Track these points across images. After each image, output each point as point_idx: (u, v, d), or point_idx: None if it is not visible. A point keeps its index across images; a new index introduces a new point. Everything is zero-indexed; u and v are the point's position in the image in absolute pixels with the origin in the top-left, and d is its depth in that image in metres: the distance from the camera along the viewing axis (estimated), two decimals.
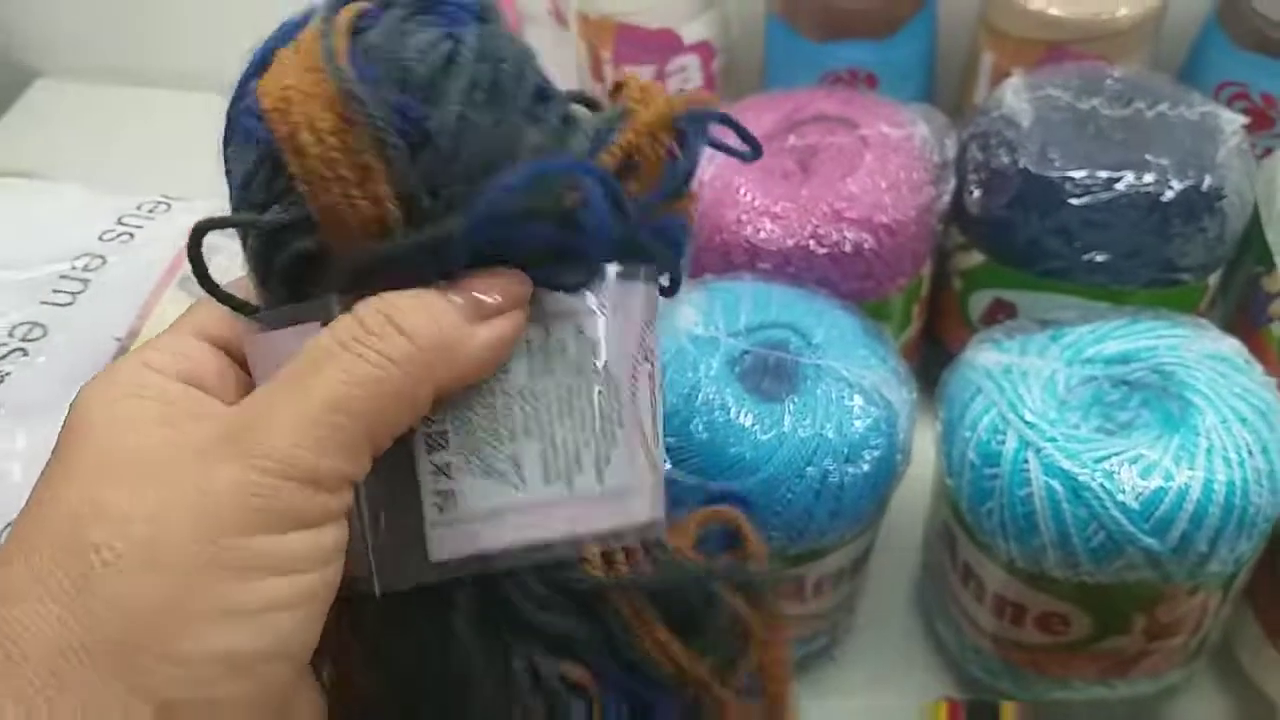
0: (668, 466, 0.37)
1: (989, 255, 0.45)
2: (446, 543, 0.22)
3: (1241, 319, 0.48)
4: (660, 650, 0.23)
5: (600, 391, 0.24)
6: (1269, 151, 0.49)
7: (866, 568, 0.43)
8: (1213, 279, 0.45)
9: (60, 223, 0.44)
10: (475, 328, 0.22)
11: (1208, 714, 0.45)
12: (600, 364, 0.24)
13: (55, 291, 0.41)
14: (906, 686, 0.45)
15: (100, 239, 0.43)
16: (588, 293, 0.24)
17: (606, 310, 0.24)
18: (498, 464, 0.22)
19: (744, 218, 0.43)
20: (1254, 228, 0.46)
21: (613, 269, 0.24)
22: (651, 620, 0.23)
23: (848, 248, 0.42)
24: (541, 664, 0.23)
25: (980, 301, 0.47)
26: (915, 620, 0.48)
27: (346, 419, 0.20)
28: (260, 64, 0.23)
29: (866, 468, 0.37)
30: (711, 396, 0.37)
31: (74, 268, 0.41)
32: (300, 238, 0.22)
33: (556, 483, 0.23)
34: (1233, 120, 0.43)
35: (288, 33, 0.24)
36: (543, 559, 0.23)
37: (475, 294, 0.22)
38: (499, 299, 0.22)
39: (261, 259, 0.23)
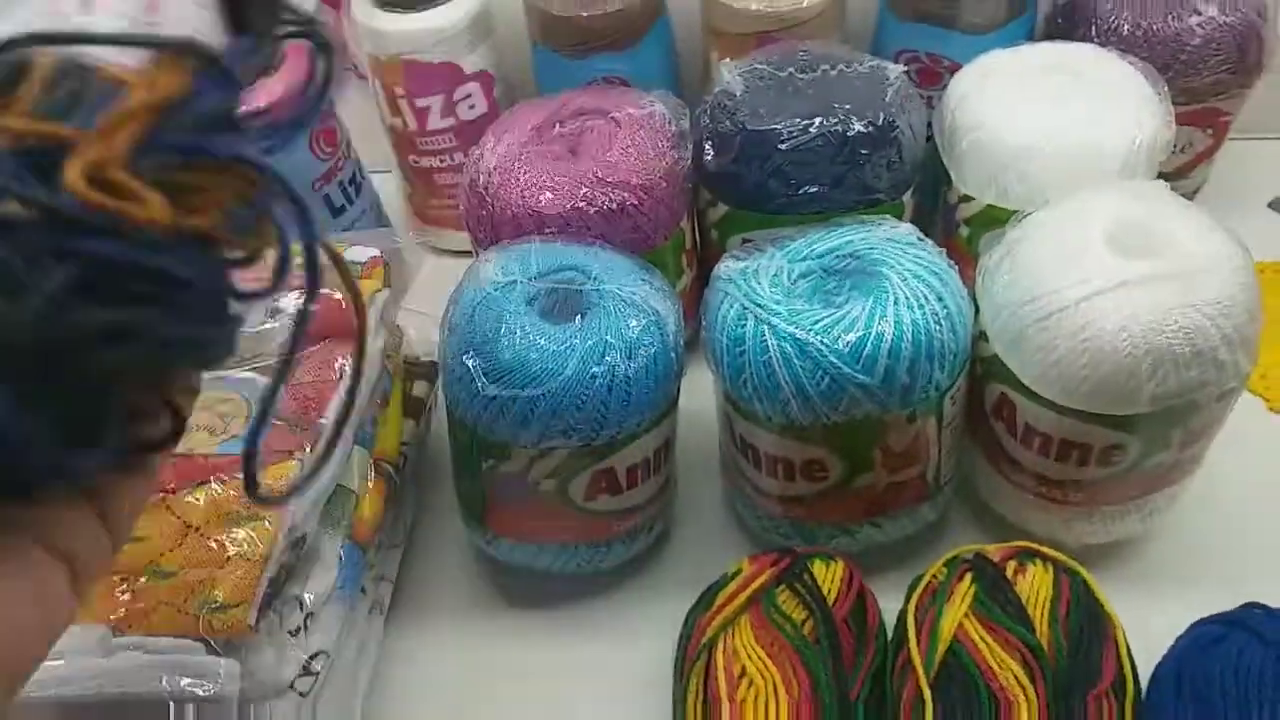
0: (485, 383, 0.45)
1: (730, 204, 0.56)
2: None
3: (943, 228, 0.60)
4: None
5: None
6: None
7: (672, 462, 0.52)
8: (906, 197, 0.56)
9: None
10: None
11: (971, 540, 0.55)
12: None
13: None
14: (723, 566, 0.54)
15: None
16: None
17: None
18: None
19: (526, 193, 0.52)
20: (935, 158, 0.58)
21: None
22: None
23: (614, 206, 0.52)
24: None
25: (733, 245, 0.57)
26: (723, 513, 0.57)
27: None
28: None
29: (644, 361, 0.46)
30: (514, 326, 0.45)
31: None
32: None
33: None
34: (895, 69, 0.54)
35: None
36: None
37: None
38: None
39: None
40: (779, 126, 0.52)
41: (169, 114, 0.21)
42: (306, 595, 0.43)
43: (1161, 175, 0.64)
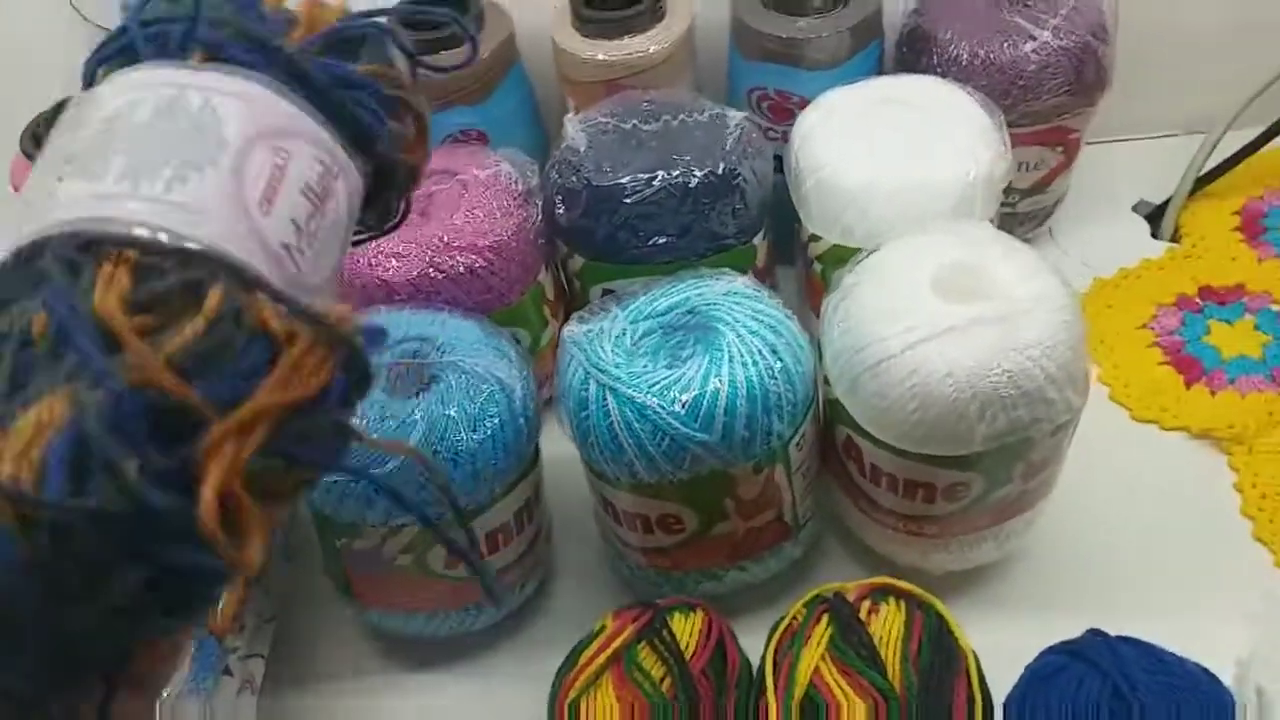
0: None
1: (585, 256, 0.56)
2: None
3: (802, 264, 0.61)
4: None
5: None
6: None
7: (539, 519, 0.53)
8: (757, 240, 0.57)
9: None
10: None
11: (845, 573, 0.56)
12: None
13: None
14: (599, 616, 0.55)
15: None
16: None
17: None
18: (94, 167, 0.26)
19: (373, 260, 0.52)
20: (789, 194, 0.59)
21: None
22: None
23: (462, 269, 0.52)
24: None
25: (596, 294, 0.58)
26: (602, 562, 0.58)
27: None
28: None
29: (490, 432, 0.46)
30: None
31: None
32: None
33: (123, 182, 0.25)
34: (736, 116, 0.55)
35: None
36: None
37: None
38: None
39: None
40: (623, 181, 0.53)
41: (297, 415, 0.24)
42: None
43: (1020, 193, 0.66)
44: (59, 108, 0.32)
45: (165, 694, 0.43)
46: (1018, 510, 0.51)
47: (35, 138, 0.57)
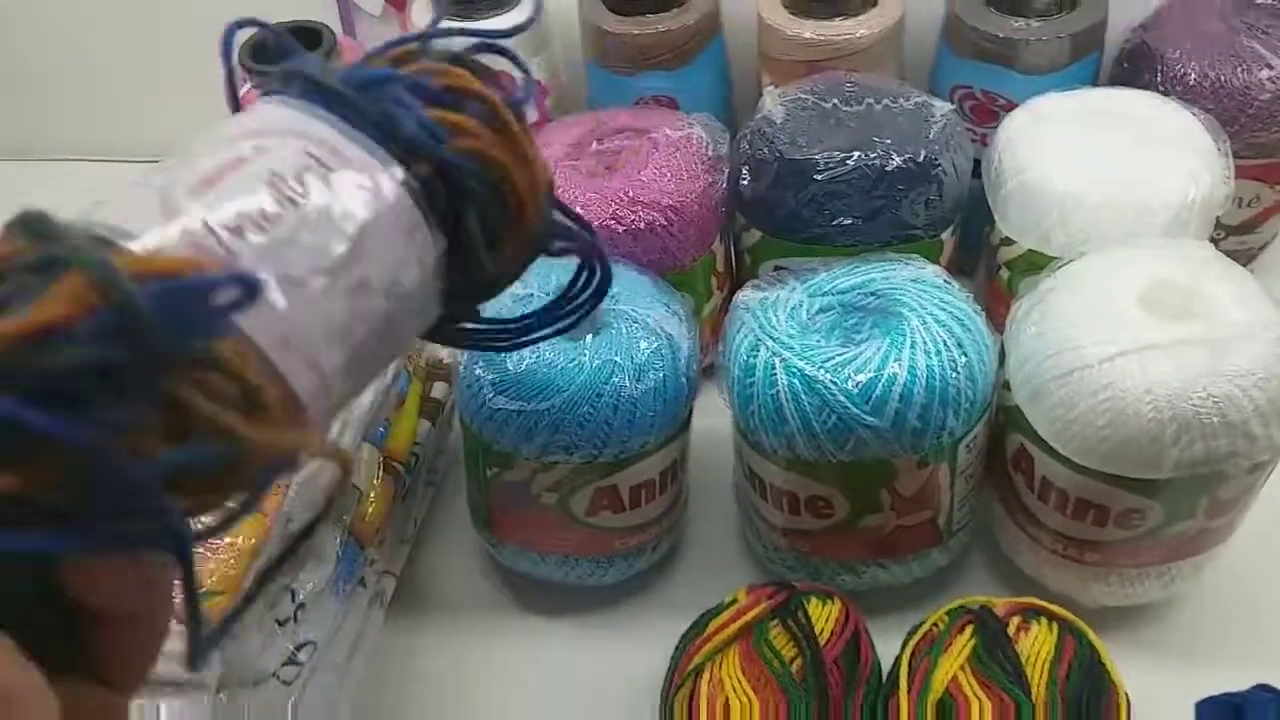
0: (493, 394, 0.45)
1: (763, 231, 0.55)
2: None
3: (985, 268, 0.59)
4: None
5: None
6: None
7: (681, 483, 0.52)
8: (945, 235, 0.55)
9: None
10: None
11: (984, 589, 0.53)
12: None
13: None
14: (728, 590, 0.53)
15: None
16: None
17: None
18: None
19: None
20: (984, 195, 0.57)
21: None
22: None
23: (642, 225, 0.52)
24: None
25: (766, 271, 0.57)
26: (734, 538, 0.57)
27: None
28: None
29: (652, 384, 0.46)
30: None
31: None
32: None
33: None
34: (943, 106, 0.53)
35: None
36: None
37: None
38: None
39: None
40: (816, 156, 0.52)
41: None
42: (299, 587, 0.43)
43: (1227, 229, 0.62)
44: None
45: (309, 586, 0.44)
46: (1192, 550, 0.48)
47: (254, 53, 0.59)
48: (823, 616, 0.47)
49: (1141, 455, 0.42)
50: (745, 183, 0.54)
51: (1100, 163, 0.51)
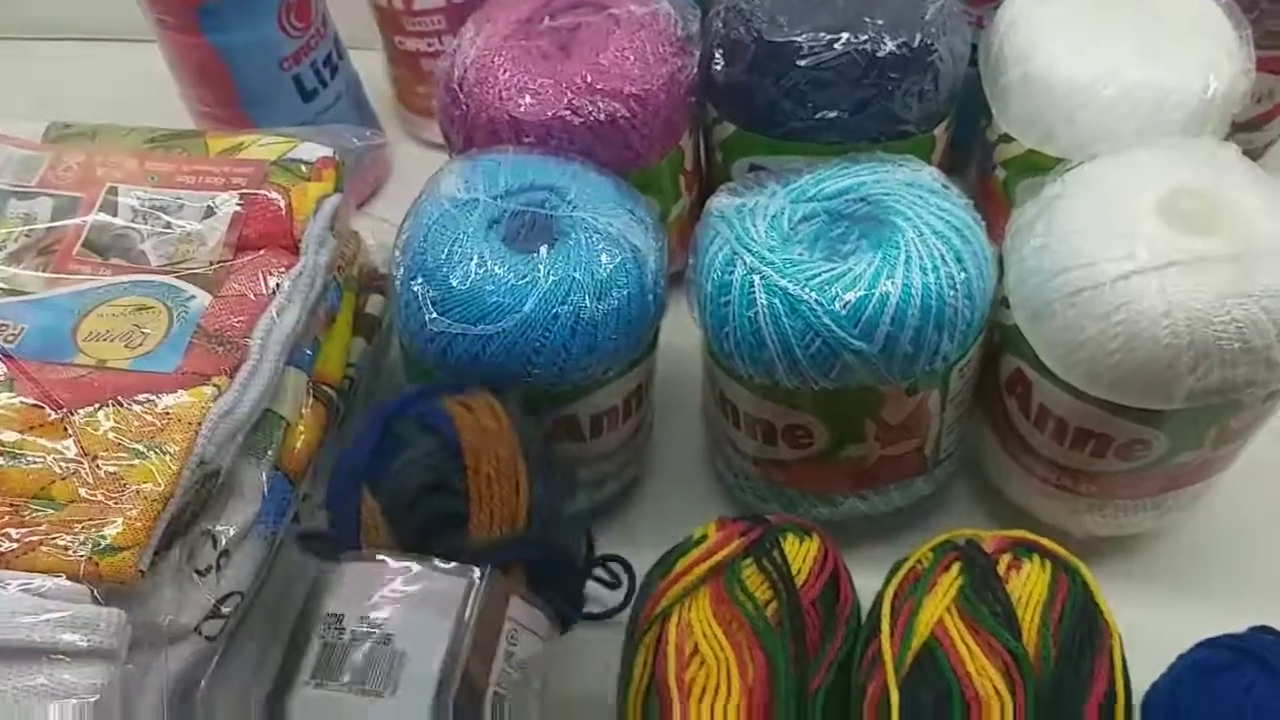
0: (434, 314, 0.40)
1: (738, 124, 0.50)
2: None
3: (979, 168, 0.54)
4: None
5: None
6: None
7: (646, 409, 0.48)
8: (939, 131, 0.50)
9: None
10: None
11: (969, 520, 0.51)
12: None
13: None
14: (696, 523, 0.50)
15: None
16: None
17: None
18: None
19: (504, 95, 0.46)
20: (979, 85, 0.51)
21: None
22: None
23: (602, 117, 0.46)
24: None
25: (740, 170, 0.51)
26: (703, 466, 0.53)
27: None
28: None
29: (616, 304, 0.41)
30: (469, 251, 0.40)
31: None
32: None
33: None
34: None
35: None
36: None
37: None
38: None
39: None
40: (799, 39, 0.46)
41: None
42: (221, 531, 0.39)
43: (1234, 125, 0.57)
44: None
45: (227, 532, 0.39)
46: (1191, 480, 0.45)
47: None
48: (800, 554, 0.43)
49: (1153, 383, 0.38)
50: (718, 68, 0.48)
51: (1113, 51, 0.46)
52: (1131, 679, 0.41)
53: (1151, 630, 0.42)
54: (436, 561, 0.35)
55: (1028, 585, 0.42)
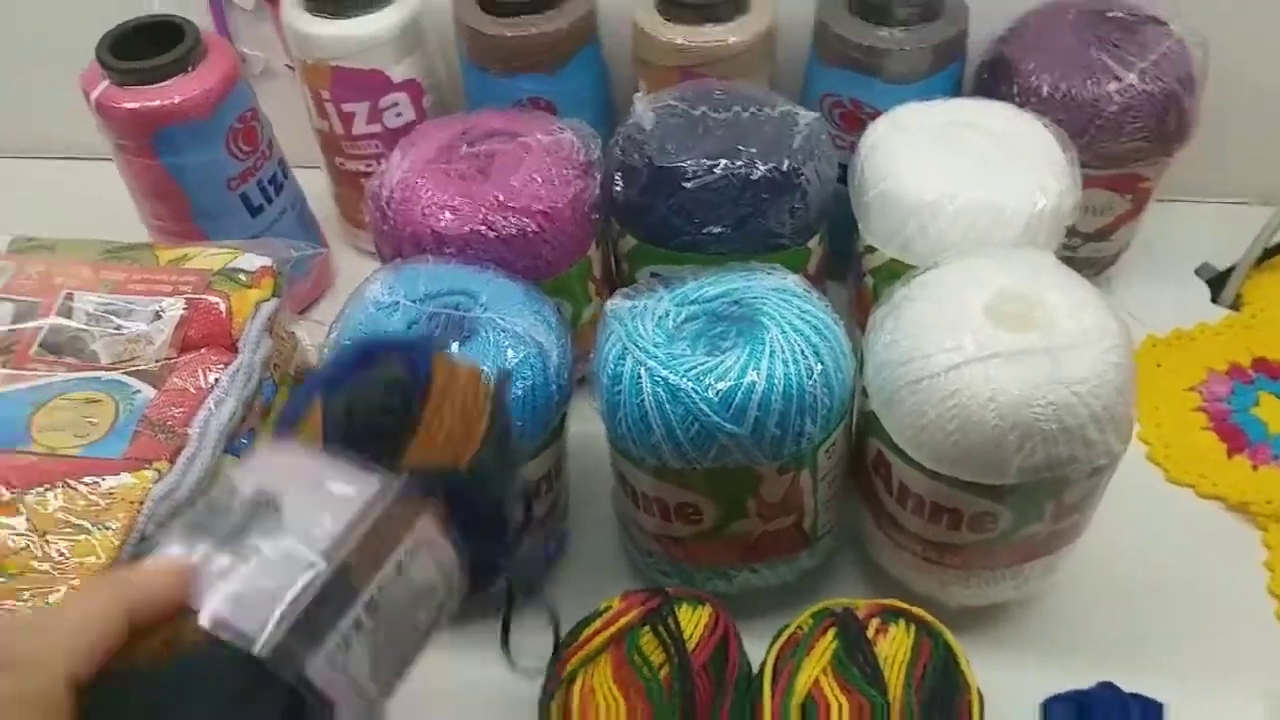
0: None
1: (638, 237, 0.56)
2: None
3: (853, 276, 0.60)
4: None
5: None
6: None
7: (559, 491, 0.52)
8: (812, 243, 0.56)
9: None
10: None
11: (854, 590, 0.55)
12: None
13: None
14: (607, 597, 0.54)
15: None
16: None
17: None
18: None
19: (426, 211, 0.52)
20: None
21: None
22: None
23: (514, 231, 0.52)
24: None
25: (643, 277, 0.57)
26: (615, 545, 0.57)
27: None
28: None
29: (520, 392, 0.46)
30: None
31: None
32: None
33: None
34: (807, 115, 0.54)
35: None
36: None
37: None
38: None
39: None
40: (685, 164, 0.52)
41: None
42: None
43: (1082, 236, 0.65)
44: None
45: None
46: (1042, 552, 0.50)
47: (112, 49, 0.57)
48: (693, 621, 0.47)
49: (987, 461, 0.44)
50: (618, 189, 0.55)
51: (958, 172, 0.53)
52: None
53: (1010, 691, 0.46)
54: (362, 462, 0.34)
55: (893, 647, 0.46)
